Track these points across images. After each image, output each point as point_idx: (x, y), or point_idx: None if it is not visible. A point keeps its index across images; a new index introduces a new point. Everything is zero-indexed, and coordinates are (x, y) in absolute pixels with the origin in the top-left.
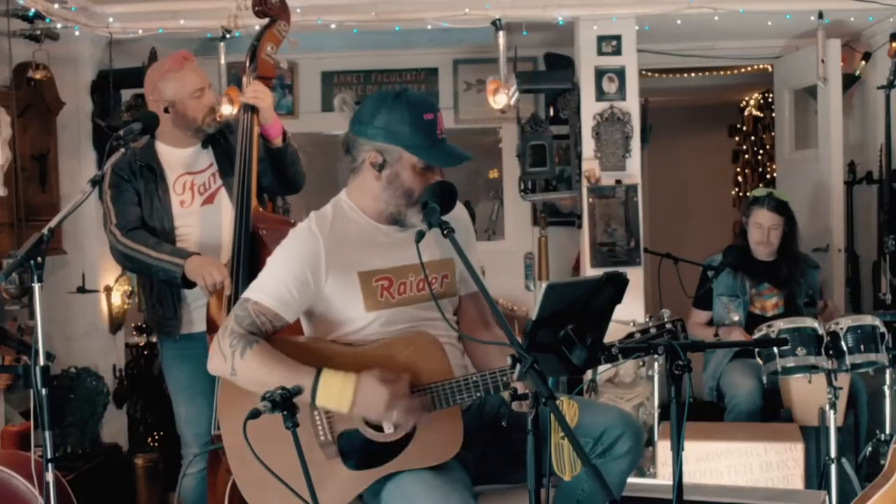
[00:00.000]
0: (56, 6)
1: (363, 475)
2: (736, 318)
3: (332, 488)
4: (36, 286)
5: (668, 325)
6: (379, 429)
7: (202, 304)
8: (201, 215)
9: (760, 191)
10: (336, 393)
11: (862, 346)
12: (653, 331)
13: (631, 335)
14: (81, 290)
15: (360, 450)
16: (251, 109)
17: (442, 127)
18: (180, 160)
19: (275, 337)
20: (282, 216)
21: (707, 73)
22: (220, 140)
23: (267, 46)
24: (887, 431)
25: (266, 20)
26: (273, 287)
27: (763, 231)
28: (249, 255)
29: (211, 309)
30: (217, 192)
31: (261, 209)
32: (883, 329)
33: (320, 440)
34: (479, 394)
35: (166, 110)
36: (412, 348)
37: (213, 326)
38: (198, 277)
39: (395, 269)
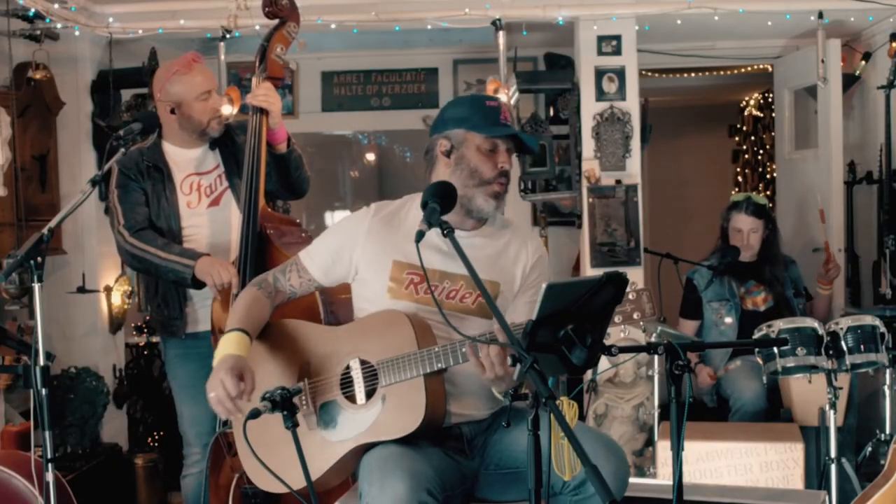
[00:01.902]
0: (56, 6)
1: (338, 445)
2: (729, 321)
3: (310, 456)
4: (36, 286)
5: (631, 296)
6: (353, 400)
7: (208, 304)
8: (208, 216)
9: (738, 195)
10: (220, 347)
11: (862, 346)
12: None
13: None
14: (82, 290)
15: (336, 420)
16: (261, 111)
17: (507, 115)
18: (187, 161)
19: (289, 316)
20: (287, 216)
21: (707, 73)
22: (226, 142)
23: (277, 47)
24: (887, 431)
25: (276, 21)
26: (314, 247)
27: (743, 235)
28: (257, 254)
29: (215, 309)
30: (223, 193)
31: (268, 209)
32: (883, 329)
33: (302, 410)
34: (439, 364)
35: (173, 111)
36: (383, 324)
37: (217, 326)
38: (206, 277)
39: (432, 271)
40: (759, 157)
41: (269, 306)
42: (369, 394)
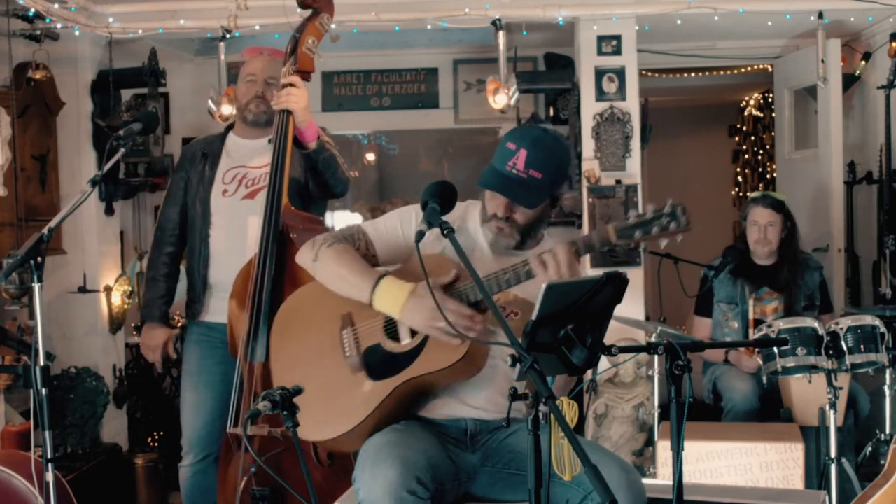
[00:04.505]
0: (56, 6)
1: (382, 385)
2: (735, 326)
3: (356, 400)
4: (36, 286)
5: (667, 210)
6: (398, 341)
7: (225, 297)
8: (238, 209)
9: (756, 193)
10: (391, 298)
11: (862, 346)
12: (649, 214)
13: (628, 223)
14: (83, 290)
15: (381, 362)
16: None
17: (518, 162)
18: (243, 151)
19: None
20: (311, 215)
21: (707, 73)
22: None
23: (308, 40)
24: (887, 431)
25: (309, 11)
26: (381, 223)
27: (760, 228)
28: (278, 253)
29: (231, 306)
30: (261, 189)
31: (292, 207)
32: (883, 329)
33: (346, 355)
34: (505, 285)
35: None
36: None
37: (232, 323)
38: (145, 350)
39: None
40: (759, 157)
41: None
42: (414, 333)
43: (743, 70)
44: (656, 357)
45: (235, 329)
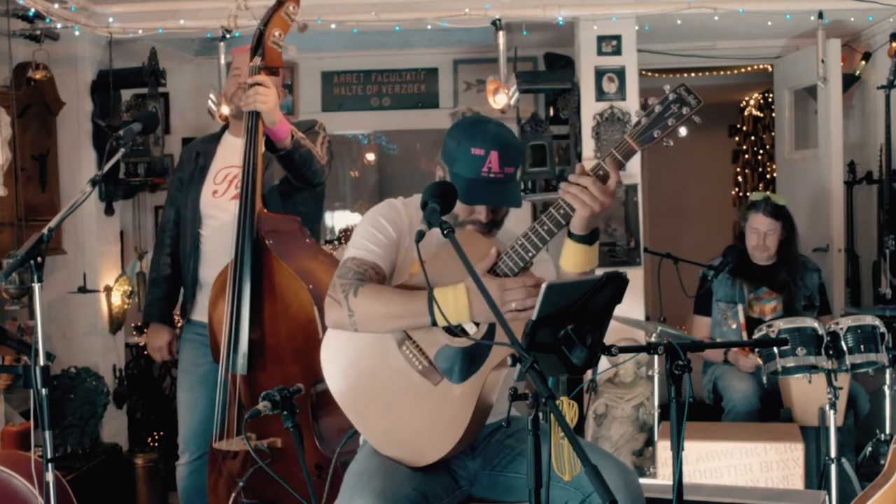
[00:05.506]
0: (56, 6)
1: (473, 382)
2: (734, 326)
3: (455, 406)
4: (36, 286)
5: (671, 96)
6: (465, 333)
7: None
8: (228, 209)
9: (757, 195)
10: (451, 306)
11: (862, 346)
12: (658, 108)
13: (643, 125)
14: (83, 290)
15: (458, 361)
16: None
17: (493, 165)
18: (233, 151)
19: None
20: (287, 216)
21: (707, 73)
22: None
23: (274, 32)
24: (887, 431)
25: (273, 1)
26: (364, 241)
27: (759, 236)
28: (254, 261)
29: (210, 301)
30: None
31: (265, 210)
32: (883, 329)
33: (419, 370)
34: (550, 235)
35: None
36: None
37: (212, 319)
38: (152, 351)
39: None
40: (759, 157)
41: None
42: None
43: (743, 70)
44: (656, 357)
45: (216, 337)
